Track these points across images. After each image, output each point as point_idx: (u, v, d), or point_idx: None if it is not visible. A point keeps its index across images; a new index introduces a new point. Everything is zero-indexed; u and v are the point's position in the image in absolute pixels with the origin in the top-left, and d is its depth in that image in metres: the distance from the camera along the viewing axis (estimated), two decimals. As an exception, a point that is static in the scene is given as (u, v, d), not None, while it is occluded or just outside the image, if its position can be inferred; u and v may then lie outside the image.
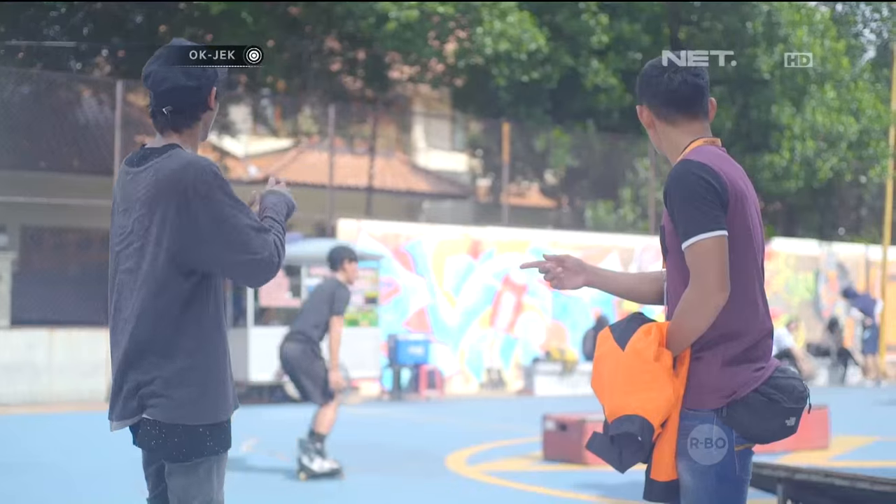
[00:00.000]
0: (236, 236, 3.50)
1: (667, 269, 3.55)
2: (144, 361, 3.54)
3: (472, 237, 21.89)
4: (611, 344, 3.48)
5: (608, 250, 23.37)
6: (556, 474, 10.12)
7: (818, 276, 27.05)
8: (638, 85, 3.65)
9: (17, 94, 20.61)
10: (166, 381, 3.51)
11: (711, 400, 3.36)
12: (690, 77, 3.54)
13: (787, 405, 3.36)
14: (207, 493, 3.58)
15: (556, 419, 11.04)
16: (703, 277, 3.32)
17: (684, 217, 3.36)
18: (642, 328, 3.44)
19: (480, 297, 21.66)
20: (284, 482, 9.51)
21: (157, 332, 3.53)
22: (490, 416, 15.74)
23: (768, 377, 3.38)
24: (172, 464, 3.56)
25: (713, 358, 3.38)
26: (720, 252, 3.32)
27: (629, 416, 3.35)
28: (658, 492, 3.48)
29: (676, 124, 3.57)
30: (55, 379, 17.31)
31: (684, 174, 3.38)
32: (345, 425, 14.58)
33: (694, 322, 3.35)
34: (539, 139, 25.11)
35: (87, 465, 10.17)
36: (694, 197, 3.34)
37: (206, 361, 3.56)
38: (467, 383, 21.24)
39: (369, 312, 18.32)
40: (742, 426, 3.35)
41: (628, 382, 3.38)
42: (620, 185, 25.68)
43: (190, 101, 3.63)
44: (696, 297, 3.34)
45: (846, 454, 11.61)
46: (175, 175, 3.52)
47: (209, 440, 3.54)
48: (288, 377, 10.23)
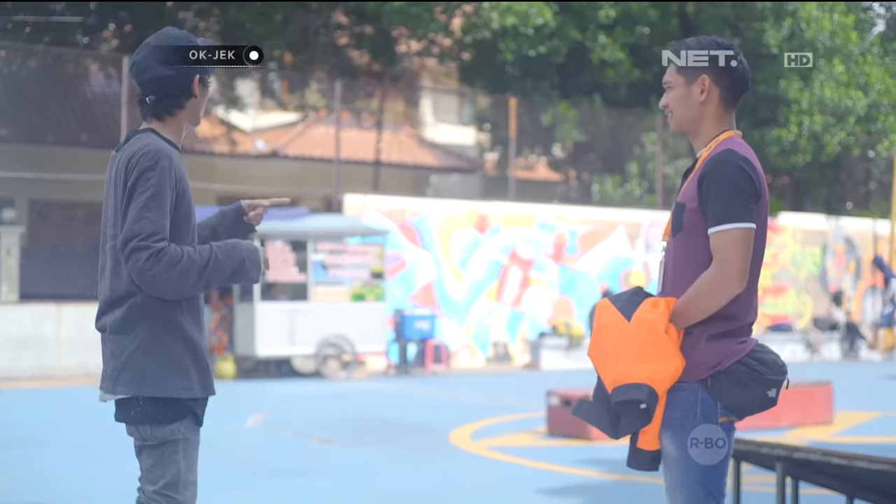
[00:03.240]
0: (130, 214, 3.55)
1: (671, 244, 3.61)
2: (111, 341, 3.68)
3: (478, 212, 21.90)
4: (614, 314, 3.55)
5: (615, 225, 23.38)
6: (560, 450, 10.18)
7: (825, 250, 27.03)
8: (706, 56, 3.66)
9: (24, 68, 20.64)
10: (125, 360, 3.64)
11: (697, 371, 3.46)
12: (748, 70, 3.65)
13: (768, 377, 3.46)
14: (174, 473, 3.66)
15: (561, 395, 11.09)
16: (728, 264, 3.42)
17: (722, 203, 3.45)
18: (649, 301, 3.53)
19: (487, 271, 21.70)
20: (288, 457, 9.58)
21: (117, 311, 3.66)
22: (495, 390, 15.80)
23: (750, 350, 3.48)
24: (138, 442, 3.68)
25: (701, 333, 3.48)
26: (748, 243, 3.45)
27: (636, 385, 3.43)
28: (645, 461, 3.59)
29: (728, 111, 3.67)
30: (63, 353, 17.40)
31: (730, 164, 3.48)
32: (351, 399, 14.67)
33: (708, 303, 3.46)
34: (546, 114, 25.07)
35: (96, 439, 10.24)
36: (735, 187, 3.45)
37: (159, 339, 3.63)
38: (473, 358, 21.30)
39: (375, 287, 18.36)
40: (726, 397, 3.45)
41: (636, 352, 3.46)
42: (627, 160, 25.66)
43: (171, 90, 3.72)
44: (716, 281, 3.44)
45: (850, 429, 11.65)
46: (128, 158, 3.63)
47: (160, 413, 3.62)
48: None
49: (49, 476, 8.48)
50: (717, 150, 3.55)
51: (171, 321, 3.66)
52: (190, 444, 3.71)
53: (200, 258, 3.63)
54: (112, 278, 3.68)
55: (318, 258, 17.91)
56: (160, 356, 3.62)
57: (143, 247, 3.51)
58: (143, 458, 3.70)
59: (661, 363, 3.44)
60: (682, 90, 3.71)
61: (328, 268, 17.99)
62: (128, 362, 3.63)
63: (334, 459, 9.49)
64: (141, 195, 3.55)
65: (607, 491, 8.25)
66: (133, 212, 3.55)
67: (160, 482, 3.66)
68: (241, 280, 3.79)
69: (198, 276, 3.60)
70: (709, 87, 3.65)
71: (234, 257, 3.72)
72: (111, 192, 3.74)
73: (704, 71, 3.66)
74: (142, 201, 3.55)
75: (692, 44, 3.70)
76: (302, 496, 7.77)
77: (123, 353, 3.64)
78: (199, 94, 3.78)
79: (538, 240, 22.38)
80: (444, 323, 20.62)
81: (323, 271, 17.92)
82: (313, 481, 8.42)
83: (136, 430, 3.67)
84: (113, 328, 3.67)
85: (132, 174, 3.59)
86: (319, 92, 26.08)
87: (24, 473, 8.57)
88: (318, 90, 26.20)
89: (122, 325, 3.65)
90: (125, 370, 3.63)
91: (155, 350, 3.62)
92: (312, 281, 17.73)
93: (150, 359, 3.62)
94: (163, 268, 3.52)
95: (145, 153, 3.59)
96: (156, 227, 3.54)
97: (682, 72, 3.70)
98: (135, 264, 3.52)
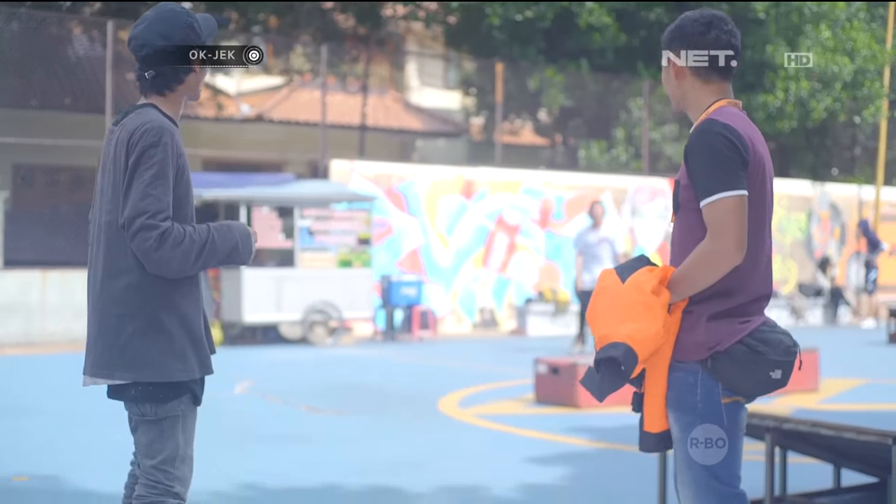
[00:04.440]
0: (133, 192, 3.55)
1: (675, 224, 3.59)
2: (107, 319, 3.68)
3: (464, 177, 21.87)
4: (613, 278, 3.54)
5: (601, 190, 23.37)
6: (548, 417, 10.21)
7: (811, 216, 27.10)
8: (674, 36, 3.61)
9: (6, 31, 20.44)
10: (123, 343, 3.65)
11: (697, 352, 3.43)
12: (733, 39, 3.57)
13: (771, 357, 3.40)
14: (173, 448, 3.69)
15: (549, 363, 11.11)
16: (722, 235, 3.36)
17: (706, 174, 3.40)
18: (647, 267, 3.51)
19: (473, 237, 21.69)
20: (276, 425, 9.59)
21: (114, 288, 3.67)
22: (482, 357, 15.84)
23: (753, 329, 3.42)
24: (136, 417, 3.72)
25: (702, 312, 3.44)
26: (741, 211, 3.37)
27: (615, 343, 3.40)
28: (652, 443, 3.57)
29: (709, 82, 3.59)
30: (48, 320, 17.36)
31: (708, 133, 3.42)
32: (338, 366, 14.69)
33: (704, 275, 3.41)
34: (532, 79, 25.00)
35: (84, 406, 10.23)
36: (718, 155, 3.38)
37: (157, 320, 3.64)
38: (460, 324, 21.33)
39: (362, 253, 18.35)
40: (726, 377, 3.41)
41: (622, 312, 3.44)
42: (614, 125, 25.63)
43: (170, 65, 3.69)
44: (712, 253, 3.39)
45: (836, 397, 11.71)
46: (130, 132, 3.63)
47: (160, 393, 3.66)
48: None
49: (37, 445, 8.48)
50: (698, 122, 3.52)
51: (169, 301, 3.65)
52: (189, 420, 3.75)
53: (200, 239, 3.63)
54: (107, 253, 3.67)
55: (305, 224, 17.87)
56: (159, 339, 3.63)
57: (150, 225, 3.51)
58: (141, 434, 3.73)
59: (642, 322, 3.39)
60: (664, 72, 3.69)
61: (315, 234, 17.97)
62: (126, 346, 3.63)
63: (322, 427, 9.51)
64: (146, 172, 3.55)
65: (596, 459, 8.28)
66: (138, 189, 3.54)
67: (158, 457, 3.69)
68: (233, 263, 3.77)
69: (196, 258, 3.62)
70: (678, 65, 3.60)
71: (229, 240, 3.73)
72: (109, 167, 3.72)
73: (671, 47, 3.61)
74: (147, 178, 3.54)
75: (672, 26, 3.65)
76: (290, 464, 7.78)
77: (121, 335, 3.63)
78: (199, 69, 3.76)
79: (524, 205, 22.37)
80: (430, 289, 20.63)
81: (309, 237, 17.89)
82: (301, 449, 8.43)
83: (136, 407, 3.69)
84: (109, 305, 3.66)
85: (134, 150, 3.58)
86: (304, 56, 25.95)
87: (11, 442, 8.57)
88: (303, 54, 26.07)
89: (119, 304, 3.64)
90: (123, 354, 3.63)
91: (153, 333, 3.62)
92: (299, 247, 17.71)
93: (149, 343, 3.62)
94: (168, 248, 3.52)
95: (148, 129, 3.58)
96: (161, 205, 3.55)
97: (663, 51, 3.66)
98: (142, 243, 3.51)
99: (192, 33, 3.70)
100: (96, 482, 6.90)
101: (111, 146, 3.73)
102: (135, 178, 3.55)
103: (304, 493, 6.92)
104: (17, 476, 7.27)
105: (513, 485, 7.19)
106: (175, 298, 3.66)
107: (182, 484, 3.73)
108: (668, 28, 3.70)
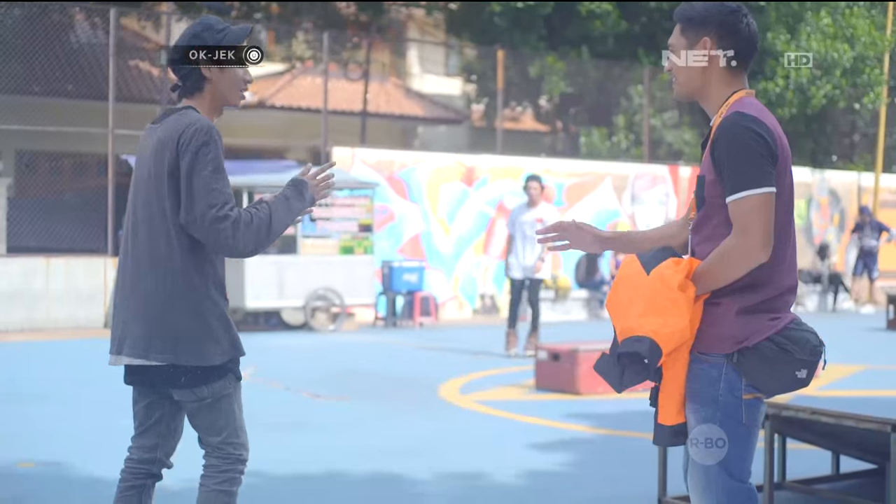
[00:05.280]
0: (197, 188, 3.86)
1: (698, 219, 3.53)
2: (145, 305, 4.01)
3: (466, 164, 21.91)
4: (636, 267, 3.48)
5: (602, 177, 23.42)
6: (548, 404, 10.28)
7: (810, 202, 27.14)
8: (708, 18, 3.54)
9: (8, 17, 20.48)
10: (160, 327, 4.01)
11: (724, 345, 3.39)
12: (756, 30, 3.54)
13: (798, 356, 3.36)
14: (233, 421, 4.13)
15: (549, 349, 11.17)
16: (749, 233, 3.32)
17: (735, 170, 3.34)
18: (672, 259, 3.46)
19: (474, 223, 21.75)
20: (279, 411, 9.66)
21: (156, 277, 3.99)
22: (483, 343, 15.91)
23: (782, 327, 3.39)
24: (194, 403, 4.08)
25: (731, 305, 3.40)
26: (768, 209, 3.33)
27: (639, 337, 3.36)
28: (666, 436, 3.52)
29: (735, 72, 3.54)
30: (52, 306, 17.43)
31: (738, 127, 3.36)
32: (340, 352, 14.76)
33: (730, 272, 3.36)
34: (533, 66, 25.02)
35: (90, 392, 10.31)
36: (747, 150, 3.32)
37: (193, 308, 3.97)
38: (461, 310, 21.40)
39: (364, 240, 18.41)
40: (751, 374, 3.37)
41: (647, 305, 3.39)
42: (615, 112, 25.65)
43: (189, 77, 4.05)
44: (738, 250, 3.34)
45: (835, 383, 11.77)
46: (178, 131, 3.93)
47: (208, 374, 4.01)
48: None
49: (42, 431, 8.54)
50: (725, 115, 3.43)
51: (206, 288, 3.98)
52: (237, 394, 4.14)
53: (264, 214, 3.98)
54: (149, 244, 3.96)
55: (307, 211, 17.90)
56: (198, 324, 3.95)
57: (222, 216, 3.84)
58: (202, 417, 4.09)
59: (669, 318, 3.35)
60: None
61: (316, 221, 18.03)
62: (169, 329, 3.94)
63: (324, 414, 9.58)
64: (204, 168, 3.86)
65: (597, 445, 8.35)
66: (201, 185, 3.85)
67: (224, 433, 4.10)
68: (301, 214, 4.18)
69: (267, 232, 3.97)
70: (711, 50, 3.53)
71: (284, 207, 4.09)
72: (149, 163, 3.98)
73: (706, 32, 3.53)
74: (207, 174, 3.86)
75: (698, 8, 3.56)
76: (293, 451, 7.86)
77: (164, 320, 3.94)
78: (216, 77, 4.06)
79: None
80: (431, 275, 20.69)
81: (311, 224, 17.95)
82: (304, 436, 8.51)
83: (192, 392, 4.01)
84: (152, 292, 3.95)
85: (187, 151, 3.88)
86: (306, 43, 25.97)
87: (16, 428, 8.62)
88: (304, 41, 26.09)
89: (163, 291, 3.94)
90: (159, 337, 3.94)
91: (194, 318, 3.94)
92: (301, 234, 17.77)
93: (190, 327, 3.94)
94: (242, 233, 3.88)
95: (198, 129, 3.90)
96: (227, 197, 3.89)
97: (685, 33, 3.56)
98: (219, 234, 3.85)
99: (195, 39, 4.01)
100: (102, 468, 6.95)
101: (150, 142, 4.02)
102: (195, 176, 3.86)
103: (307, 480, 7.00)
104: (22, 462, 7.33)
105: (514, 471, 7.27)
106: (209, 286, 3.99)
107: (246, 450, 4.17)
108: (697, 9, 3.58)
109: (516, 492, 6.79)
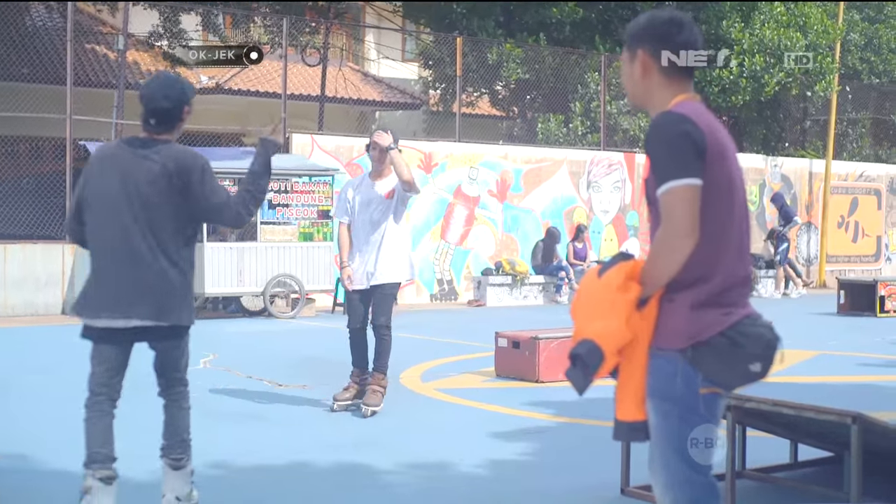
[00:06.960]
0: (217, 189, 5.51)
1: (651, 219, 3.64)
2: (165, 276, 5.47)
3: (423, 150, 21.97)
4: (593, 273, 3.61)
5: (559, 163, 23.56)
6: (509, 391, 10.38)
7: (763, 188, 27.43)
8: (642, 32, 3.66)
9: (-39, 0, 20.25)
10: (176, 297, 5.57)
11: (678, 340, 3.47)
12: (700, 39, 3.64)
13: (751, 350, 3.45)
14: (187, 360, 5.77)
15: (509, 337, 11.24)
16: (671, 222, 3.41)
17: (661, 164, 3.46)
18: (621, 262, 3.56)
19: (432, 209, 21.83)
20: (240, 401, 9.70)
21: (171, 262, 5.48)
22: (442, 329, 15.99)
23: (735, 322, 3.47)
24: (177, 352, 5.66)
25: (683, 300, 3.48)
26: (691, 199, 3.41)
27: (583, 340, 3.49)
28: (623, 432, 3.61)
29: (673, 80, 3.64)
30: (10, 293, 17.32)
31: (663, 124, 3.49)
32: (299, 339, 14.80)
33: (662, 263, 3.45)
34: (491, 52, 25.07)
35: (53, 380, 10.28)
36: (670, 145, 3.43)
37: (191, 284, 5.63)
38: (419, 295, 21.49)
39: (323, 226, 18.44)
40: (706, 368, 3.45)
41: (593, 309, 3.51)
42: (571, 99, 25.77)
43: (168, 116, 5.45)
44: (664, 240, 3.44)
45: (790, 369, 11.90)
46: (190, 158, 5.44)
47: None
48: None
49: (6, 421, 8.52)
50: (653, 116, 3.57)
51: (192, 274, 5.54)
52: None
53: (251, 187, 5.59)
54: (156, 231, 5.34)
55: (266, 197, 17.89)
56: (187, 298, 5.49)
57: (234, 203, 5.47)
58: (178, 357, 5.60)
59: (608, 320, 3.45)
60: (627, 67, 3.73)
61: (276, 207, 18.03)
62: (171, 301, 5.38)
63: (286, 403, 9.61)
64: (210, 180, 5.42)
65: (558, 433, 8.46)
66: (210, 191, 5.40)
67: (184, 367, 5.68)
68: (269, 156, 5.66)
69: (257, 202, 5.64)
70: (643, 62, 3.64)
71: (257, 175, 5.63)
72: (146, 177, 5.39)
73: (641, 45, 3.64)
74: (210, 182, 5.42)
75: (638, 21, 3.69)
76: (256, 442, 7.91)
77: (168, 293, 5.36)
78: (185, 116, 5.52)
79: (483, 178, 22.52)
80: (389, 261, 20.70)
81: (271, 210, 17.96)
82: (266, 426, 8.55)
83: (178, 343, 5.55)
84: (165, 267, 5.34)
85: (193, 171, 5.37)
86: (264, 27, 25.87)
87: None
88: (262, 25, 25.99)
89: (175, 267, 5.38)
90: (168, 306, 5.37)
91: (186, 294, 5.48)
92: (260, 220, 17.77)
93: (184, 298, 5.44)
94: (248, 210, 5.53)
95: (192, 154, 5.45)
96: (228, 191, 5.55)
97: (628, 48, 3.69)
98: (240, 218, 5.52)
99: (185, 94, 5.46)
100: (70, 459, 6.92)
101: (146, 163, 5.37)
102: (204, 186, 5.38)
103: (271, 471, 7.02)
104: (-11, 453, 7.32)
105: (478, 461, 7.34)
106: (193, 269, 5.57)
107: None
108: (635, 24, 3.73)
109: (480, 482, 6.86)
